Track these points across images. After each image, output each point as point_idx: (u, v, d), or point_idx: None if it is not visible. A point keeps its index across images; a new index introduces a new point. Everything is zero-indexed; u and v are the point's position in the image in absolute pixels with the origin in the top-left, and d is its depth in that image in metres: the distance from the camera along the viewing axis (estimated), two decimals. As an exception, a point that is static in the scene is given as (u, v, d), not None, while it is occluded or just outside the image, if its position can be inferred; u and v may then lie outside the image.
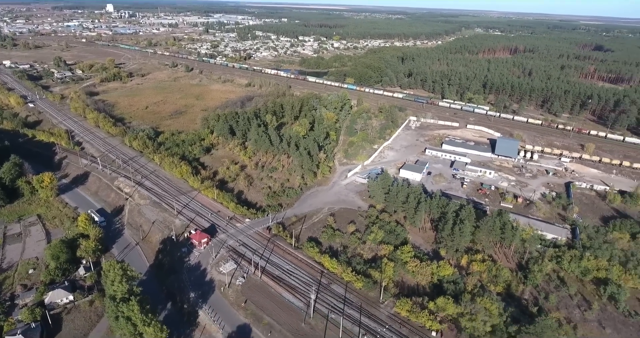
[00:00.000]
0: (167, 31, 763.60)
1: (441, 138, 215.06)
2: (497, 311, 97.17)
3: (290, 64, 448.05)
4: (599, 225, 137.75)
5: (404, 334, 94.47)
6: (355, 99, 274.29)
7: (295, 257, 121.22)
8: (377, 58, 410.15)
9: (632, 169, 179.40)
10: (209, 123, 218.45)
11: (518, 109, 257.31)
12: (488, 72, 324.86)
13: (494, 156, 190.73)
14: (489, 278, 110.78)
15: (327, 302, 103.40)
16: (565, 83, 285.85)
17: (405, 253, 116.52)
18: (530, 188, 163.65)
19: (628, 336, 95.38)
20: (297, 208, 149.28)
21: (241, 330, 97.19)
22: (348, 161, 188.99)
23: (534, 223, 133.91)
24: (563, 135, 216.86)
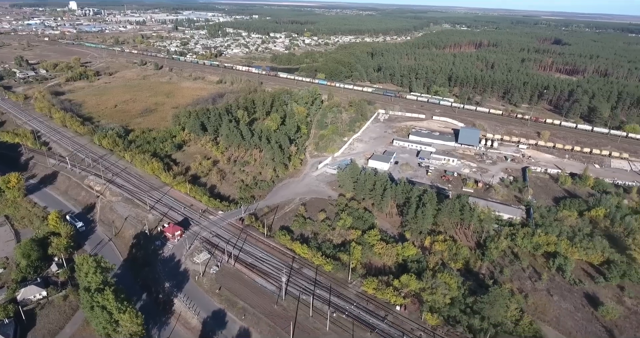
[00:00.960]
0: (134, 29, 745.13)
1: (408, 129, 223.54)
2: (456, 285, 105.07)
3: (261, 61, 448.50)
4: (551, 204, 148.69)
5: (370, 310, 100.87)
6: (326, 94, 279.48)
7: (268, 245, 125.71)
8: (348, 54, 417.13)
9: (582, 154, 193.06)
10: (180, 120, 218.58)
11: (481, 101, 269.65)
12: (453, 66, 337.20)
13: (457, 145, 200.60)
14: (450, 256, 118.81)
15: (298, 285, 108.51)
16: (525, 75, 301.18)
17: (373, 236, 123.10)
18: (490, 174, 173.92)
19: (572, 301, 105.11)
20: (270, 200, 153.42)
21: (216, 315, 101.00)
22: (319, 154, 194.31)
23: (492, 205, 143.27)
24: (521, 124, 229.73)
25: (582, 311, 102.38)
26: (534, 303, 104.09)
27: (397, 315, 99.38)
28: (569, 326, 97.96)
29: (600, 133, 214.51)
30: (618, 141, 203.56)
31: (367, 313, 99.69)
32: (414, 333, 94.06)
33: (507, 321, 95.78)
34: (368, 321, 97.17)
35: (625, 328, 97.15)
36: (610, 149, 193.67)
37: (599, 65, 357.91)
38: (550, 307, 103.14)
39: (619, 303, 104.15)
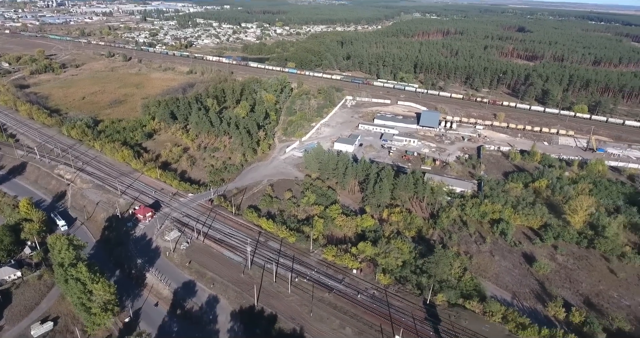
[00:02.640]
0: (101, 20, 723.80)
1: (374, 114, 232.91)
2: (408, 250, 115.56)
3: (232, 51, 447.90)
4: (501, 178, 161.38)
5: (329, 274, 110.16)
6: (296, 82, 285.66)
7: (236, 222, 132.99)
8: (318, 43, 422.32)
9: (533, 132, 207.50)
10: (149, 110, 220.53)
11: (444, 86, 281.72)
12: (419, 54, 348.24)
13: (419, 127, 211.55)
14: (405, 226, 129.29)
15: (264, 256, 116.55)
16: (486, 61, 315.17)
17: (334, 211, 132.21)
18: (448, 153, 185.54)
19: (511, 260, 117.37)
20: (238, 182, 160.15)
21: (186, 285, 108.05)
22: (287, 138, 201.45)
23: (446, 180, 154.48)
24: (480, 107, 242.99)
25: (519, 268, 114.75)
26: (477, 263, 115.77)
27: (354, 277, 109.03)
28: (506, 281, 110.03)
29: (551, 113, 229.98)
30: (566, 120, 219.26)
31: (327, 277, 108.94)
32: (368, 292, 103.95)
33: (451, 278, 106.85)
34: (327, 283, 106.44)
35: (555, 280, 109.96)
36: (558, 127, 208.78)
37: (556, 51, 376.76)
38: (492, 266, 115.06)
39: (552, 260, 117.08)
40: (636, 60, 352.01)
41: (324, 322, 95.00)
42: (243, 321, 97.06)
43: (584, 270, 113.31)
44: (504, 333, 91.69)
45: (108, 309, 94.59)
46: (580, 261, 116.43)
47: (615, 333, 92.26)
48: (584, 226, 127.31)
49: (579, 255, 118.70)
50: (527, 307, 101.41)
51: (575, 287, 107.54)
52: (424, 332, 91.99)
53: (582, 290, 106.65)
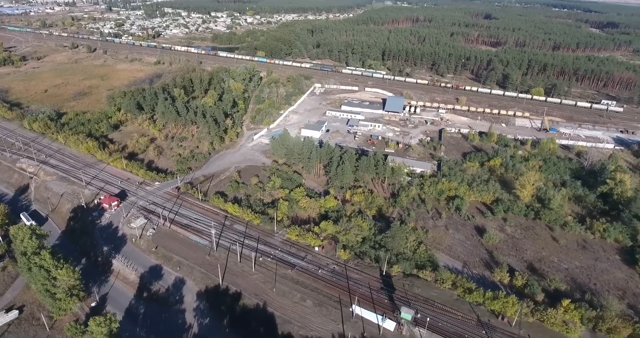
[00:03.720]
0: (63, 10, 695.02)
1: (341, 100, 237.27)
2: (368, 227, 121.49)
3: (202, 41, 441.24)
4: (460, 158, 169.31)
5: (292, 252, 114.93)
6: (265, 71, 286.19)
7: (202, 208, 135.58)
8: (288, 31, 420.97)
9: (492, 115, 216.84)
10: (115, 101, 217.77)
11: (410, 72, 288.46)
12: (388, 41, 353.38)
13: (384, 113, 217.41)
14: (366, 205, 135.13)
15: (229, 238, 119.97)
16: (451, 47, 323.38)
17: (298, 193, 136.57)
18: (411, 136, 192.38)
19: (464, 233, 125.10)
20: (206, 170, 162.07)
21: (153, 269, 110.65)
22: (255, 126, 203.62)
23: (407, 161, 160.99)
24: (444, 91, 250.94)
25: (471, 239, 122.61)
26: (432, 237, 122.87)
27: (316, 255, 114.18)
28: (459, 251, 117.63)
29: (510, 96, 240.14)
30: (524, 102, 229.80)
31: (290, 255, 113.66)
32: (329, 267, 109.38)
33: (406, 251, 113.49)
34: (290, 261, 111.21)
35: (503, 249, 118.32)
36: (515, 110, 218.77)
37: (518, 37, 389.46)
38: (446, 239, 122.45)
39: (501, 231, 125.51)
40: (592, 45, 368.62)
41: (286, 296, 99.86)
42: (209, 300, 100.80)
43: (529, 239, 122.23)
44: (453, 298, 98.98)
45: (73, 294, 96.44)
46: (527, 231, 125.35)
47: (553, 292, 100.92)
48: (532, 200, 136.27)
49: (526, 225, 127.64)
50: (476, 273, 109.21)
51: (521, 255, 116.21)
52: (379, 299, 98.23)
53: (527, 256, 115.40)
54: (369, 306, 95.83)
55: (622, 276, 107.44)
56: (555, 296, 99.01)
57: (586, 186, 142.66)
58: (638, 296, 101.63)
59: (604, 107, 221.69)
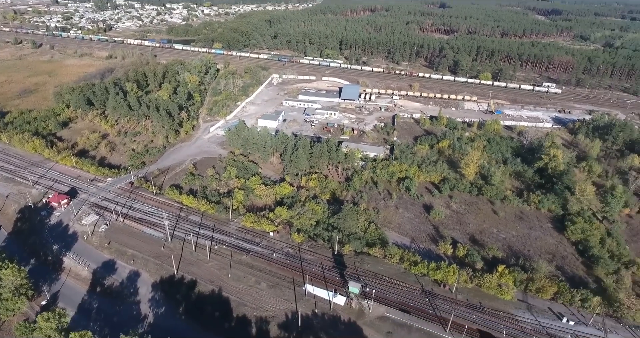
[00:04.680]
0: (4, 4, 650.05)
1: (299, 90, 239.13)
2: (322, 210, 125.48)
3: (157, 34, 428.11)
4: (411, 142, 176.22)
5: (247, 239, 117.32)
6: (222, 63, 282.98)
7: (157, 201, 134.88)
8: (246, 22, 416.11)
9: (443, 100, 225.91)
10: (63, 98, 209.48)
11: (367, 61, 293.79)
12: (345, 31, 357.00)
13: (340, 101, 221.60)
14: (321, 190, 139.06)
15: (184, 229, 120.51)
16: (405, 36, 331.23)
17: (254, 182, 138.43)
18: (366, 122, 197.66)
19: (413, 211, 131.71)
20: (161, 163, 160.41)
21: (106, 264, 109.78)
22: (212, 118, 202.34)
23: (361, 146, 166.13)
24: (398, 79, 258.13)
25: (420, 217, 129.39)
26: (383, 216, 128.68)
27: (271, 239, 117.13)
28: (407, 228, 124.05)
29: (460, 81, 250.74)
30: (472, 87, 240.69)
31: (245, 242, 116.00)
32: (283, 250, 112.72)
33: (357, 230, 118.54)
34: (245, 247, 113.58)
35: (448, 224, 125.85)
36: (464, 94, 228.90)
37: (470, 25, 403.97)
38: (396, 217, 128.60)
39: (447, 208, 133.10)
40: (537, 31, 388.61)
41: (241, 280, 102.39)
42: (164, 290, 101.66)
43: (472, 213, 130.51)
44: (400, 271, 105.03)
45: (21, 294, 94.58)
46: (470, 206, 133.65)
47: (491, 260, 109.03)
48: (475, 177, 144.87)
49: (469, 201, 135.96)
50: (423, 248, 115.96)
51: (464, 228, 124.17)
52: (331, 277, 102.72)
53: (469, 229, 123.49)
54: (321, 284, 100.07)
55: (553, 242, 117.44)
56: (493, 263, 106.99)
57: (525, 163, 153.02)
58: (565, 258, 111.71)
59: (544, 89, 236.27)
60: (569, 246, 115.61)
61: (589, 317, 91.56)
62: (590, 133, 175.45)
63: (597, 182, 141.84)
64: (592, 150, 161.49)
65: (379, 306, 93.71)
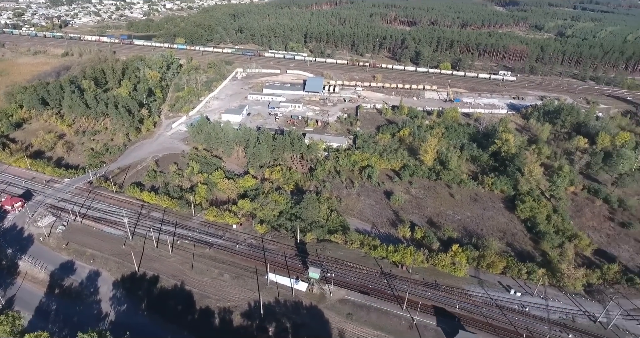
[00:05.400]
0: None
1: (263, 84, 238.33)
2: (285, 201, 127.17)
3: (116, 29, 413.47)
4: (374, 131, 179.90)
5: (210, 232, 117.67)
6: (185, 58, 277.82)
7: (117, 200, 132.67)
8: (209, 17, 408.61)
9: (405, 90, 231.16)
10: (15, 98, 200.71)
11: (331, 53, 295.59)
12: (309, 24, 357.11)
13: (305, 93, 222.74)
14: (284, 181, 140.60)
15: (146, 226, 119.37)
16: (369, 28, 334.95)
17: (217, 176, 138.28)
18: (330, 114, 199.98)
19: (374, 198, 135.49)
20: (121, 162, 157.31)
21: (64, 265, 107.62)
22: (174, 114, 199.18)
23: (324, 137, 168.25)
24: (362, 70, 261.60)
25: (380, 203, 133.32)
26: (346, 204, 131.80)
27: (234, 232, 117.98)
28: (368, 215, 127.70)
29: (422, 72, 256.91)
30: (433, 77, 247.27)
31: (208, 235, 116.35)
32: (246, 242, 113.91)
33: (320, 219, 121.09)
34: (208, 240, 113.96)
35: (407, 209, 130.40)
36: (425, 84, 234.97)
37: (431, 16, 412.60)
38: (358, 205, 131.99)
39: (407, 193, 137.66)
40: (495, 22, 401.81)
41: (204, 273, 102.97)
42: (125, 287, 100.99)
43: (430, 197, 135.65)
44: (361, 255, 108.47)
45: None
46: (429, 191, 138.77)
47: (447, 240, 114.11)
48: (434, 163, 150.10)
49: (428, 186, 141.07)
50: (383, 232, 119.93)
51: (422, 211, 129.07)
52: (294, 265, 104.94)
53: (427, 213, 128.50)
54: (284, 272, 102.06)
55: (504, 221, 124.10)
56: (448, 243, 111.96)
57: (480, 148, 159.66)
58: (515, 235, 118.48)
59: (500, 77, 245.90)
60: (519, 223, 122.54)
61: (534, 288, 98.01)
62: (541, 117, 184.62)
63: (546, 163, 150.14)
64: (542, 133, 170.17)
65: (340, 289, 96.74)
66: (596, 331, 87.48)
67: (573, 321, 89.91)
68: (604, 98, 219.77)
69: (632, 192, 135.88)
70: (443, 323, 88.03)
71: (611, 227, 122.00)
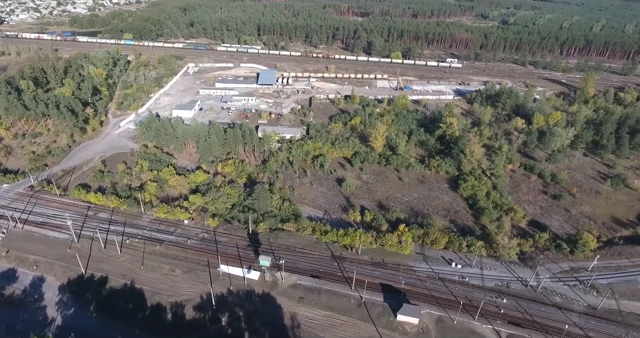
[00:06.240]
0: None
1: (216, 78, 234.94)
2: (237, 193, 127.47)
3: (58, 26, 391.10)
4: (327, 121, 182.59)
5: (161, 229, 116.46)
6: (133, 54, 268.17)
7: (62, 203, 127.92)
8: (158, 11, 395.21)
9: (357, 79, 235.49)
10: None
11: (285, 45, 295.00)
12: (262, 16, 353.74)
13: (258, 86, 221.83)
14: (237, 174, 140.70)
15: (93, 228, 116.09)
16: (322, 20, 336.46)
17: (167, 173, 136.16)
18: (284, 106, 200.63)
19: (327, 185, 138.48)
20: (65, 164, 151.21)
21: (5, 274, 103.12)
22: (122, 113, 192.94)
23: (278, 129, 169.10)
24: (316, 61, 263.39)
25: (333, 190, 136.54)
26: (299, 193, 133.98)
27: (185, 227, 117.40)
28: (321, 202, 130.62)
29: (374, 61, 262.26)
30: (384, 66, 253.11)
31: (159, 232, 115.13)
32: (198, 236, 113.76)
33: (272, 209, 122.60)
34: (158, 237, 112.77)
35: (358, 194, 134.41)
36: (377, 73, 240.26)
37: (383, 7, 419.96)
38: (310, 193, 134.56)
39: (358, 179, 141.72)
40: (444, 12, 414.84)
41: (154, 270, 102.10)
42: (72, 291, 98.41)
43: (380, 182, 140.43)
44: (312, 241, 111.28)
45: None
46: (379, 176, 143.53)
47: (395, 221, 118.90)
48: (384, 149, 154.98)
49: (378, 171, 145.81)
50: (335, 218, 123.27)
51: (372, 196, 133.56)
52: (246, 255, 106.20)
53: (377, 196, 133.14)
54: (236, 263, 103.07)
55: (448, 200, 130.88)
56: (396, 224, 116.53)
57: (428, 132, 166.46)
58: (458, 212, 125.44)
59: (447, 64, 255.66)
60: (462, 201, 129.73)
61: (473, 260, 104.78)
62: (484, 101, 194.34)
63: (487, 144, 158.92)
64: (484, 116, 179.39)
65: (291, 275, 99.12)
66: (527, 294, 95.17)
67: (507, 287, 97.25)
68: (541, 81, 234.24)
69: (563, 167, 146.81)
70: (389, 299, 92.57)
71: (544, 199, 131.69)
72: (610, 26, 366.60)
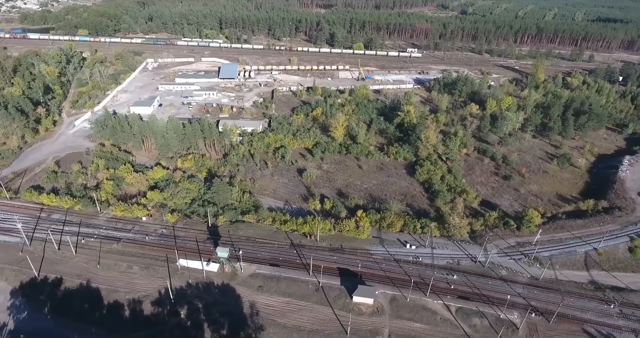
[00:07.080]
0: None
1: (176, 73, 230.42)
2: (197, 188, 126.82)
3: (7, 23, 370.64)
4: (289, 113, 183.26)
5: (118, 227, 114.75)
6: (89, 51, 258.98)
7: (12, 206, 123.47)
8: (115, 5, 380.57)
9: (320, 71, 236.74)
10: None
11: (248, 39, 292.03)
12: (224, 9, 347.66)
13: (219, 80, 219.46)
14: (197, 169, 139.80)
15: (46, 229, 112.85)
16: (285, 12, 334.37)
17: (124, 171, 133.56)
18: (246, 99, 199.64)
19: (288, 176, 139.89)
20: (16, 166, 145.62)
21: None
22: (77, 111, 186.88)
23: (239, 122, 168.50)
24: (279, 54, 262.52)
25: (294, 181, 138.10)
26: (260, 185, 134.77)
27: (144, 224, 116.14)
28: (282, 193, 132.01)
29: (336, 53, 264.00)
30: (347, 57, 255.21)
31: (115, 230, 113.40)
32: (157, 232, 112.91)
33: (232, 201, 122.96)
34: (115, 236, 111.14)
35: (318, 183, 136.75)
36: (339, 64, 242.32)
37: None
38: (271, 184, 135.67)
39: (318, 169, 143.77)
40: (405, 2, 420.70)
41: (111, 269, 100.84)
42: (25, 294, 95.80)
43: (340, 171, 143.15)
44: (272, 231, 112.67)
45: None
46: (339, 164, 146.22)
47: (354, 208, 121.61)
48: (345, 139, 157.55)
49: (338, 160, 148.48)
50: (295, 207, 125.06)
51: (332, 184, 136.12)
52: (206, 249, 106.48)
53: (337, 185, 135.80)
54: (196, 257, 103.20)
55: (405, 185, 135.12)
56: (355, 210, 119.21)
57: (387, 121, 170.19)
58: (414, 197, 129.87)
59: (408, 54, 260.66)
60: (418, 186, 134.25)
61: (427, 241, 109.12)
62: (441, 89, 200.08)
63: (444, 130, 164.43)
64: (442, 103, 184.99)
65: (251, 265, 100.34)
66: (476, 269, 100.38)
67: (458, 264, 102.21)
68: (496, 68, 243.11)
69: (514, 149, 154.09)
70: (346, 282, 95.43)
71: (496, 180, 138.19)
72: (562, 14, 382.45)
